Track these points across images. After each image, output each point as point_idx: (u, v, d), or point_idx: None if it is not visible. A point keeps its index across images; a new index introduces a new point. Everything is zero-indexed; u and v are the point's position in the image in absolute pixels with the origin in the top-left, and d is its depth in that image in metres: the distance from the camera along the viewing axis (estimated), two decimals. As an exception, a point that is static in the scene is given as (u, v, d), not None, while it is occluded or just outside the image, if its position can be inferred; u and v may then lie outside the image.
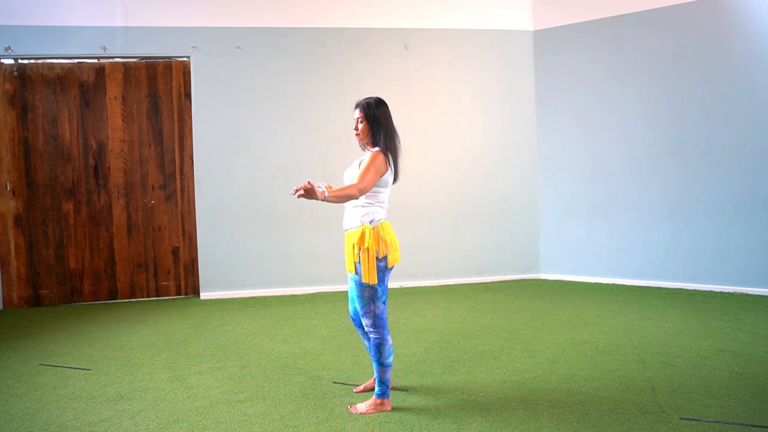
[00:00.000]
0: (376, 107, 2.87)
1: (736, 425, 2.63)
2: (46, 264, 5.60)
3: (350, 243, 2.80)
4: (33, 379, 3.48)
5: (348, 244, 2.82)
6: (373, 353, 2.84)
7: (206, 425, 2.77)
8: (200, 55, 5.70)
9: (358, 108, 2.90)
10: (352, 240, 2.79)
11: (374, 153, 2.79)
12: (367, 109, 2.87)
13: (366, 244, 2.73)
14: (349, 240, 2.81)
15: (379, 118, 2.87)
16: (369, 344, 2.94)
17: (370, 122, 2.86)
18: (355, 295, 2.82)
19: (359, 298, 2.81)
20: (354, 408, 2.88)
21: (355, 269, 2.78)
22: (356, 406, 2.90)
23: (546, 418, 2.75)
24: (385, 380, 2.86)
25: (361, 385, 3.19)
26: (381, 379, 2.86)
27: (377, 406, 2.86)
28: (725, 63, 5.34)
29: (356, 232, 2.78)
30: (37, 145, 5.56)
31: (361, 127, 2.87)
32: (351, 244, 2.79)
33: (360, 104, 2.90)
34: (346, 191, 2.64)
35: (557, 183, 6.18)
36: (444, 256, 6.13)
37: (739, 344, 3.77)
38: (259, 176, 5.77)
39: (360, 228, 2.78)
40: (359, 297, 2.80)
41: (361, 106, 2.89)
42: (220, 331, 4.47)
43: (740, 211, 5.29)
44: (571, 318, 4.58)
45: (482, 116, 6.19)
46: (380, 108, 2.88)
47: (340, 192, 2.63)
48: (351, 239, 2.80)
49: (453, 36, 6.10)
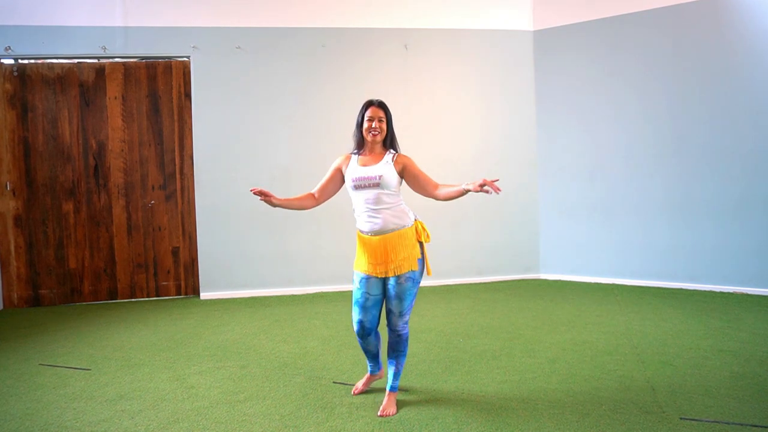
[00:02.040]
0: (389, 110, 2.92)
1: (736, 425, 2.63)
2: (46, 264, 5.60)
3: (405, 242, 2.76)
4: (33, 379, 3.48)
5: (402, 243, 2.76)
6: (404, 348, 2.88)
7: (206, 425, 2.77)
8: (200, 55, 5.70)
9: (380, 107, 2.86)
10: (409, 237, 2.78)
11: (407, 157, 2.90)
12: (388, 111, 2.89)
13: (423, 238, 2.83)
14: (405, 238, 2.77)
15: (391, 121, 2.93)
16: (398, 341, 2.86)
17: (389, 124, 2.89)
18: (408, 295, 2.79)
19: (412, 297, 2.81)
20: (385, 412, 2.82)
21: (418, 265, 2.80)
22: (385, 410, 2.83)
23: (546, 418, 2.75)
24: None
25: (359, 385, 3.14)
26: (401, 372, 2.92)
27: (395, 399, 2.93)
28: (725, 63, 5.34)
29: (410, 230, 2.80)
30: (37, 145, 5.56)
31: (383, 127, 2.86)
32: (410, 242, 2.78)
33: (380, 103, 2.88)
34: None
35: (557, 183, 6.18)
36: (444, 256, 6.12)
37: (739, 344, 3.77)
38: (259, 176, 5.76)
39: (414, 224, 2.83)
40: (413, 296, 2.81)
41: (383, 106, 2.88)
42: (220, 331, 4.47)
43: (740, 212, 5.29)
44: (571, 318, 4.58)
45: (482, 116, 6.19)
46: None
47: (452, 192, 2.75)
48: (406, 238, 2.77)
49: (453, 36, 6.10)
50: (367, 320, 2.87)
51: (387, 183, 2.77)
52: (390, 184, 2.78)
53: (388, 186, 2.78)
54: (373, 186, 2.77)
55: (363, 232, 2.83)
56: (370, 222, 2.79)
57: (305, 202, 2.93)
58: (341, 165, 2.93)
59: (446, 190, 2.80)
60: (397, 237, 2.76)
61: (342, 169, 2.92)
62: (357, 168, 2.84)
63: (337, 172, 2.94)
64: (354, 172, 2.84)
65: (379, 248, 2.77)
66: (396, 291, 2.79)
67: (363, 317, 2.87)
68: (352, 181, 2.82)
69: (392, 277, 2.78)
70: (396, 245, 2.76)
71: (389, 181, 2.78)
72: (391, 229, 2.77)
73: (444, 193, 2.81)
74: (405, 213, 2.83)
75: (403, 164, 2.86)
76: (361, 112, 2.89)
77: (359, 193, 2.80)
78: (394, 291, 2.79)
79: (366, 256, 2.82)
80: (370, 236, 2.79)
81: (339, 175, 2.94)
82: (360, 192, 2.80)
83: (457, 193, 2.74)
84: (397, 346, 2.87)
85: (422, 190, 2.89)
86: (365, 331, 2.90)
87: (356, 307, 2.87)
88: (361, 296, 2.85)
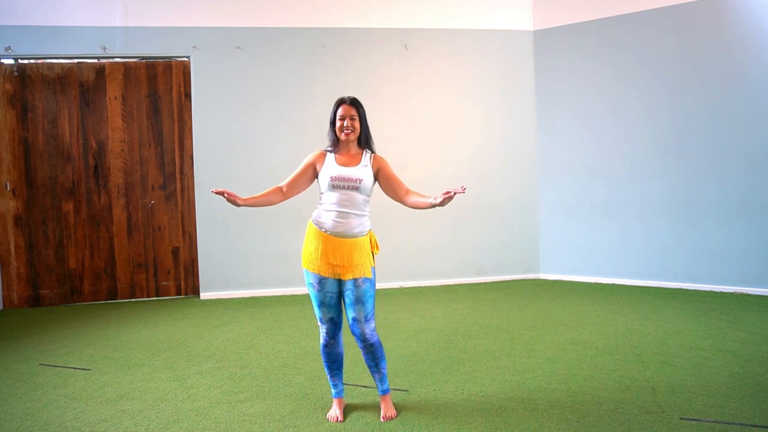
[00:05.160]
0: (362, 106, 2.84)
1: (736, 425, 2.63)
2: (46, 264, 5.60)
3: (363, 248, 2.74)
4: (33, 379, 3.48)
5: (359, 250, 2.72)
6: (381, 353, 2.83)
7: (206, 425, 2.77)
8: (200, 55, 5.70)
9: (352, 105, 2.78)
10: (365, 246, 2.75)
11: (383, 158, 2.85)
12: (360, 108, 2.81)
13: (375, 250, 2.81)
14: (361, 246, 2.73)
15: (365, 118, 2.85)
16: (371, 350, 2.80)
17: (363, 122, 2.82)
18: (368, 297, 2.75)
19: (373, 299, 2.78)
20: (387, 416, 2.81)
21: (371, 273, 2.76)
22: (386, 415, 2.82)
23: (546, 418, 2.75)
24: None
25: (338, 415, 2.85)
26: (386, 374, 2.88)
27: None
28: (725, 63, 5.34)
29: (366, 238, 2.77)
30: (37, 145, 5.56)
31: (356, 125, 2.78)
32: (367, 249, 2.76)
33: (353, 101, 2.80)
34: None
35: (557, 183, 6.18)
36: (444, 256, 6.13)
37: (739, 344, 3.77)
38: (259, 176, 5.75)
39: (368, 233, 2.79)
40: (373, 297, 2.78)
41: (356, 104, 2.80)
42: (220, 331, 4.47)
43: (740, 212, 5.29)
44: (571, 318, 4.58)
45: (482, 116, 6.19)
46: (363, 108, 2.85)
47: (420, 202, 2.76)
48: (364, 245, 2.75)
49: (453, 36, 6.10)
50: (336, 315, 2.79)
51: (365, 187, 2.74)
52: (367, 188, 2.76)
53: (365, 190, 2.74)
54: (351, 188, 2.71)
55: (324, 228, 2.72)
56: (335, 222, 2.71)
57: (272, 197, 2.83)
58: (315, 161, 2.84)
59: (416, 198, 2.78)
60: (356, 243, 2.72)
61: (316, 165, 2.83)
62: (335, 167, 2.76)
63: (310, 168, 2.85)
64: (332, 170, 2.75)
65: (340, 249, 2.70)
66: (356, 294, 2.71)
67: (332, 314, 2.78)
68: (330, 179, 2.72)
69: (349, 280, 2.71)
70: (354, 251, 2.71)
71: (367, 185, 2.75)
72: (354, 234, 2.71)
73: (412, 201, 2.79)
74: (367, 222, 2.79)
75: (378, 166, 2.82)
76: (333, 110, 2.81)
77: (334, 193, 2.73)
78: (354, 295, 2.71)
79: (323, 254, 2.71)
80: (331, 236, 2.71)
81: (311, 171, 2.84)
82: (335, 192, 2.72)
83: (424, 205, 2.72)
84: (374, 354, 2.80)
85: (393, 193, 2.85)
86: (336, 327, 2.80)
87: (321, 308, 2.76)
88: (324, 296, 2.74)
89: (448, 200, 2.58)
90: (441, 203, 2.60)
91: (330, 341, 2.83)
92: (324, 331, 2.82)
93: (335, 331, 2.82)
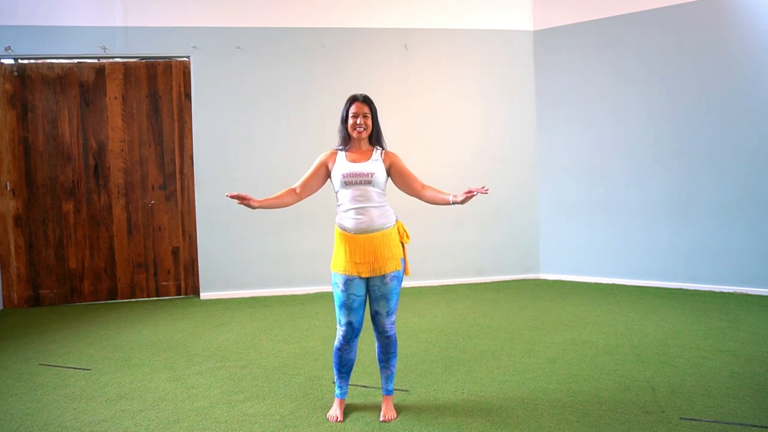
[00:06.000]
0: (374, 104, 2.86)
1: (736, 425, 2.63)
2: (46, 264, 5.60)
3: (392, 240, 2.73)
4: (33, 379, 3.48)
5: (387, 243, 2.71)
6: (394, 349, 2.84)
7: (206, 425, 2.77)
8: (200, 55, 5.70)
9: (365, 103, 2.79)
10: (393, 237, 2.74)
11: (395, 154, 2.86)
12: (373, 105, 2.83)
13: (404, 239, 2.80)
14: (389, 238, 2.72)
15: (377, 116, 2.87)
16: (386, 343, 2.81)
17: (374, 119, 2.84)
18: (394, 294, 2.75)
19: (397, 295, 2.78)
20: (387, 417, 2.81)
21: (401, 265, 2.77)
22: (387, 416, 2.81)
23: (546, 418, 2.75)
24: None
25: (338, 415, 2.83)
26: (394, 374, 2.88)
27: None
28: (725, 63, 5.34)
29: (394, 229, 2.77)
30: (37, 145, 5.56)
31: (369, 123, 2.80)
32: (396, 241, 2.75)
33: (365, 98, 2.81)
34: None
35: (557, 183, 6.18)
36: (444, 256, 6.13)
37: (739, 344, 3.77)
38: (259, 176, 5.76)
39: (395, 224, 2.79)
40: (397, 295, 2.78)
41: (368, 101, 2.81)
42: (220, 331, 4.47)
43: (740, 212, 5.29)
44: (571, 318, 4.58)
45: (482, 116, 6.19)
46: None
47: (438, 197, 2.79)
48: (392, 236, 2.74)
49: (453, 36, 6.10)
50: (356, 320, 2.74)
51: (377, 181, 2.73)
52: (380, 182, 2.75)
53: (378, 184, 2.74)
54: (364, 183, 2.71)
55: (347, 229, 2.73)
56: (356, 219, 2.71)
57: (286, 198, 2.84)
58: (327, 161, 2.84)
59: (433, 193, 2.81)
60: (382, 236, 2.71)
61: (328, 165, 2.84)
62: (346, 164, 2.77)
63: (322, 167, 2.85)
64: (344, 167, 2.75)
65: (365, 247, 2.70)
66: (382, 291, 2.73)
67: (352, 318, 2.74)
68: (342, 176, 2.72)
69: (377, 277, 2.72)
70: (381, 244, 2.70)
71: (380, 179, 2.74)
72: (377, 228, 2.71)
73: (430, 195, 2.82)
74: (390, 213, 2.79)
75: (390, 161, 2.83)
76: (346, 108, 2.82)
77: (348, 190, 2.73)
78: (380, 291, 2.73)
79: (348, 255, 2.71)
80: (355, 234, 2.71)
81: (324, 171, 2.85)
82: (349, 188, 2.73)
83: (442, 201, 2.76)
84: (387, 348, 2.82)
85: (408, 188, 2.86)
86: (354, 333, 2.76)
87: (342, 309, 2.74)
88: (347, 298, 2.71)
89: (469, 199, 2.62)
90: (462, 202, 2.65)
91: (344, 345, 2.79)
92: (341, 333, 2.78)
93: (352, 336, 2.78)
